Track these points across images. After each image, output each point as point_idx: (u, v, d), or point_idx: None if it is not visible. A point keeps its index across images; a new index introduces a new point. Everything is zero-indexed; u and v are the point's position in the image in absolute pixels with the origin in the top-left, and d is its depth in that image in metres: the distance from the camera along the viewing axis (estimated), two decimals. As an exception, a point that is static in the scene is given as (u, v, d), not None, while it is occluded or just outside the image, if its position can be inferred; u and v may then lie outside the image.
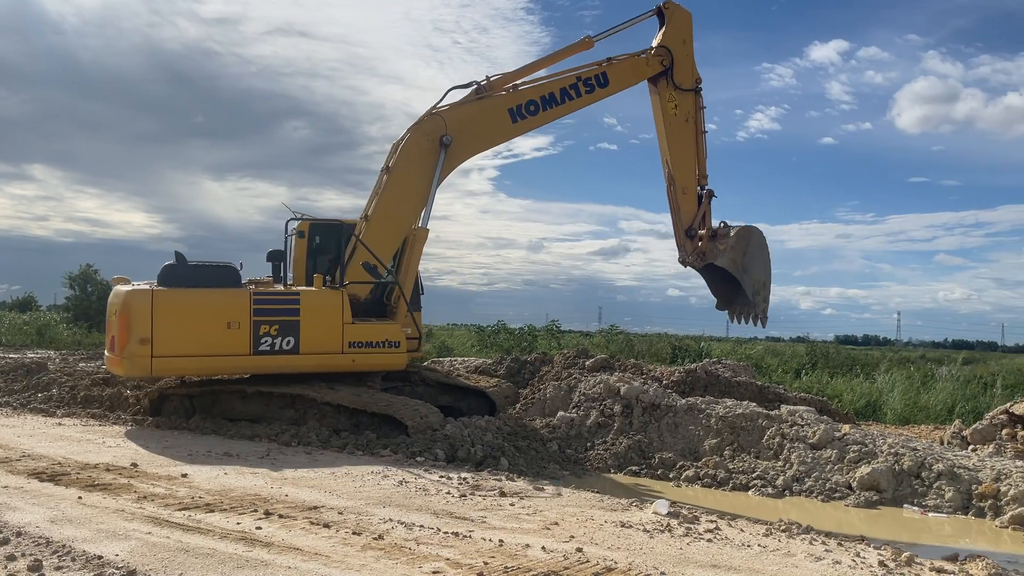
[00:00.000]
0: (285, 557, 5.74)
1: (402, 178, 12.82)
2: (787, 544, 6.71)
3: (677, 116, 14.23)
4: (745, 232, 14.23)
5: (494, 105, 13.43)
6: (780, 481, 10.32)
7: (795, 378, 20.75)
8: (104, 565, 5.39)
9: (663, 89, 14.13)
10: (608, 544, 6.41)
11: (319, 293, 12.10)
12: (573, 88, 13.76)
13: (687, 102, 14.23)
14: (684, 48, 14.24)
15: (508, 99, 13.47)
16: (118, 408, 13.53)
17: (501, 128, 13.50)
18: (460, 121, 13.14)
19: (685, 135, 14.29)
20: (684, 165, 14.30)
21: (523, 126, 13.58)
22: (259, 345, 11.65)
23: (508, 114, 13.39)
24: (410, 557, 5.83)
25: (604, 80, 13.89)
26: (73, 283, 35.96)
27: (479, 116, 13.41)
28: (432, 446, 10.56)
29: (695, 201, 14.28)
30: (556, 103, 13.66)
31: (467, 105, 13.46)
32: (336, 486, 8.22)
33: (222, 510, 7.03)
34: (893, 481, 9.94)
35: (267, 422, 11.94)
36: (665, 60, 14.03)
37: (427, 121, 12.98)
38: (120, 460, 9.17)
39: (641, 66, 14.12)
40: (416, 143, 12.86)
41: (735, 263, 13.98)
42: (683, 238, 14.27)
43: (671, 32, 14.18)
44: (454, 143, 13.01)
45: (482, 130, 13.50)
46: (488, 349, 27.29)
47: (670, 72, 14.05)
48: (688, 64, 14.22)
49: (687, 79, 14.22)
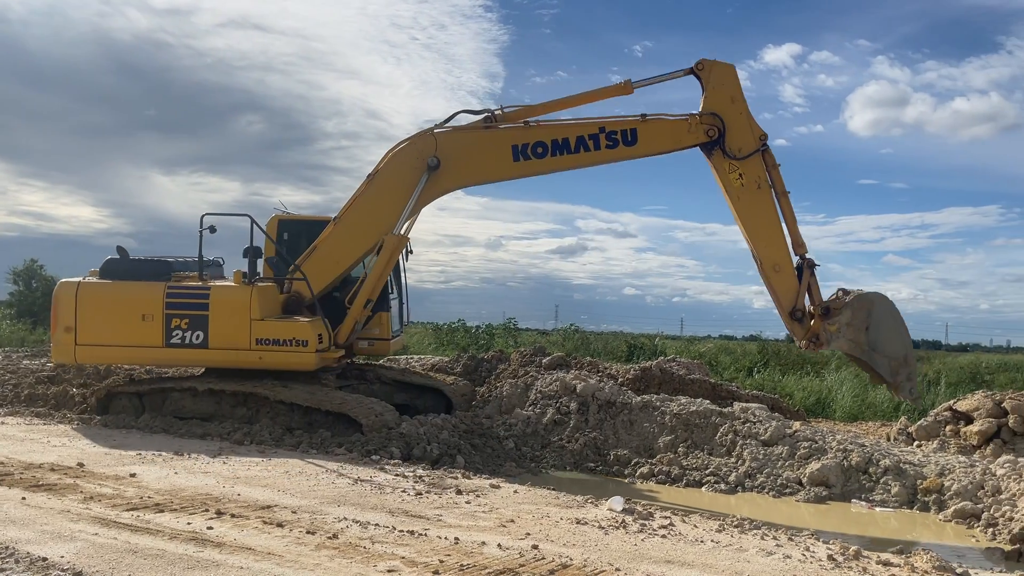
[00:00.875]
0: (237, 557, 5.65)
1: (381, 190, 12.25)
2: (739, 539, 6.81)
3: (746, 187, 11.84)
4: (862, 303, 11.71)
5: (497, 138, 12.16)
6: (733, 477, 10.48)
7: (747, 376, 21.08)
8: (49, 567, 5.25)
9: (719, 161, 11.86)
10: (563, 541, 6.44)
11: (229, 288, 11.99)
12: (592, 139, 12.03)
13: (754, 166, 11.84)
14: (734, 107, 11.87)
15: (515, 134, 12.10)
16: (64, 407, 13.18)
17: (500, 164, 12.20)
18: (455, 146, 12.18)
19: (760, 205, 11.88)
20: (768, 239, 11.88)
21: (526, 168, 12.16)
22: (171, 338, 11.81)
23: (511, 150, 12.06)
24: (365, 556, 5.79)
25: (632, 138, 12.00)
26: (17, 278, 34.90)
27: (477, 146, 12.27)
28: (387, 444, 10.50)
29: (792, 278, 11.82)
30: (569, 151, 12.05)
31: (469, 132, 12.32)
32: (290, 485, 8.12)
33: (172, 510, 6.90)
34: (842, 477, 10.16)
35: (219, 420, 11.75)
36: (712, 130, 11.74)
37: (420, 138, 12.21)
38: (66, 460, 8.93)
39: (681, 133, 11.94)
40: (404, 158, 12.22)
41: (858, 345, 11.54)
42: (789, 322, 11.89)
43: (714, 94, 11.89)
44: (443, 168, 12.06)
45: (477, 161, 12.32)
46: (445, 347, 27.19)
47: (722, 140, 11.76)
48: (743, 125, 11.83)
49: (747, 142, 11.78)
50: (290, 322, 11.87)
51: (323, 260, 12.39)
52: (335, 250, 12.37)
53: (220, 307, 11.83)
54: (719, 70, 11.92)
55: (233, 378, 12.07)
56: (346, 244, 12.35)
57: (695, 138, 11.89)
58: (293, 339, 11.68)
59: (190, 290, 12.05)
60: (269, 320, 11.79)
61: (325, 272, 12.40)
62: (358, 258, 12.39)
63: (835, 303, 11.64)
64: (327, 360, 12.13)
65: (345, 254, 12.38)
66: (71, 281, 12.28)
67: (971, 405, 12.58)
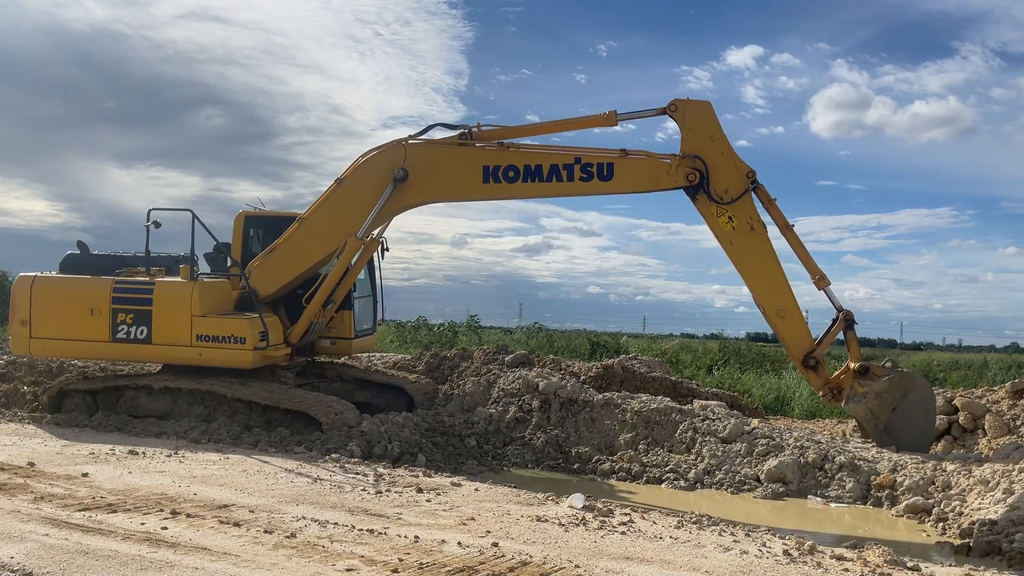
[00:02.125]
0: (192, 557, 5.56)
1: (347, 195, 12.05)
2: (697, 535, 6.88)
3: (738, 230, 11.26)
4: (902, 381, 11.15)
5: (468, 156, 11.82)
6: (692, 474, 10.58)
7: (708, 374, 21.30)
8: (-4, 569, 5.12)
9: (705, 206, 11.31)
10: (524, 538, 6.45)
11: (171, 284, 11.91)
12: (567, 169, 11.53)
13: (744, 208, 11.25)
14: (715, 146, 11.29)
15: (487, 155, 11.76)
16: (14, 405, 12.89)
17: (469, 183, 11.86)
18: (424, 160, 11.88)
19: (755, 248, 11.31)
20: (768, 284, 11.34)
21: (495, 190, 11.84)
22: (116, 333, 11.84)
23: (482, 171, 11.70)
24: (323, 555, 5.74)
25: (608, 173, 11.47)
26: (-34, 273, 33.98)
27: (447, 162, 11.92)
28: (347, 443, 10.41)
29: (800, 322, 11.40)
30: (541, 179, 11.59)
31: (440, 147, 12.00)
32: (248, 484, 8.02)
33: (125, 510, 6.77)
34: (798, 473, 10.32)
35: (175, 419, 11.57)
36: (694, 174, 11.19)
37: (391, 148, 11.96)
38: (15, 459, 8.72)
39: (660, 175, 11.40)
40: (372, 166, 12.01)
41: (875, 419, 11.10)
42: (803, 370, 11.46)
43: (691, 135, 11.33)
44: (410, 181, 11.75)
45: (445, 178, 11.97)
46: (408, 345, 27.08)
47: (705, 183, 11.23)
48: (727, 166, 11.24)
49: (733, 183, 11.21)
50: (229, 319, 11.76)
51: (284, 258, 12.24)
52: (297, 249, 12.23)
53: (163, 302, 11.78)
54: (693, 109, 11.36)
55: (189, 376, 11.90)
56: (308, 245, 12.21)
57: (674, 181, 11.35)
58: (231, 336, 11.57)
59: (135, 285, 11.96)
60: (210, 316, 11.68)
61: (285, 270, 12.24)
62: (320, 259, 12.23)
63: (876, 368, 11.19)
64: (270, 358, 11.99)
65: (307, 254, 12.23)
66: (28, 275, 12.42)
67: (923, 402, 12.82)
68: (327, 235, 12.06)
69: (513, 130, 12.06)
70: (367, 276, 14.24)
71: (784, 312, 11.35)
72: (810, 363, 11.31)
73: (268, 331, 11.69)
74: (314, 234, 12.17)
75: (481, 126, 11.96)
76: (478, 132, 11.90)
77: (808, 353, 11.31)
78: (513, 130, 12.06)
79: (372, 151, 12.16)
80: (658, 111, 11.55)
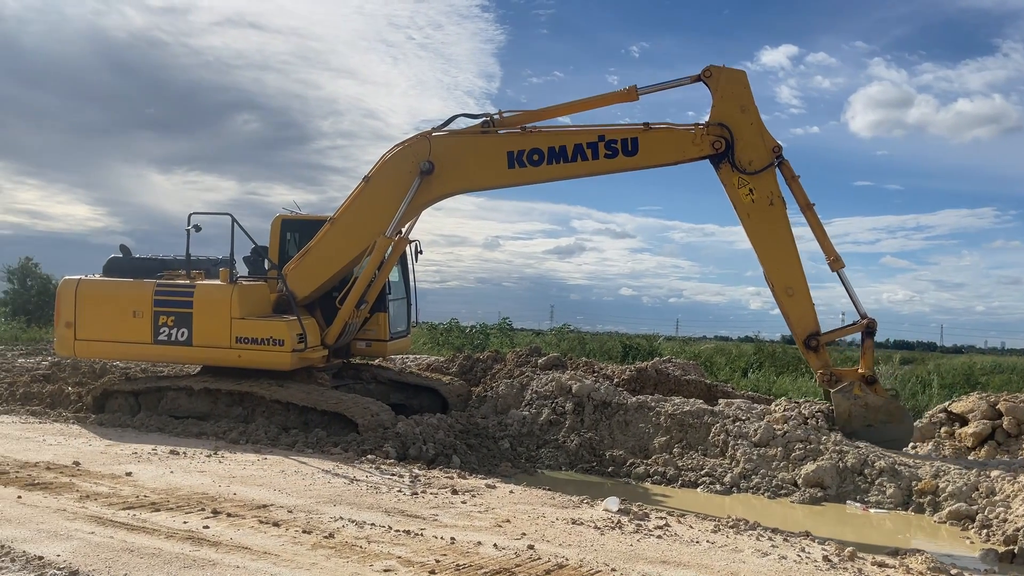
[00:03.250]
0: (233, 556, 5.65)
1: (376, 192, 12.18)
2: (735, 540, 6.83)
3: (757, 203, 11.25)
4: (895, 411, 11.27)
5: (492, 143, 11.83)
6: (728, 478, 10.50)
7: (743, 377, 21.10)
8: (45, 566, 5.25)
9: (727, 175, 11.30)
10: (559, 541, 6.45)
11: (211, 287, 12.08)
12: (591, 148, 11.49)
13: (766, 181, 11.23)
14: (745, 117, 11.24)
15: (510, 140, 11.76)
16: (60, 405, 13.18)
17: (493, 170, 11.91)
18: (449, 151, 11.93)
19: (772, 223, 11.29)
20: (780, 260, 11.35)
21: (520, 175, 11.83)
22: (158, 335, 12.02)
23: (506, 157, 11.71)
24: (361, 555, 5.80)
25: (632, 148, 11.41)
26: (12, 276, 34.81)
27: (471, 151, 11.95)
28: (383, 444, 10.49)
29: (807, 302, 11.35)
30: (566, 159, 11.57)
31: (464, 136, 12.05)
32: (286, 484, 8.12)
33: (168, 509, 6.89)
34: (837, 478, 10.18)
35: (215, 420, 11.75)
36: (719, 142, 11.18)
37: (416, 142, 12.03)
38: (61, 458, 8.92)
39: (685, 145, 11.37)
40: (398, 161, 12.11)
41: (848, 418, 11.11)
42: (804, 350, 11.53)
43: (722, 103, 11.28)
44: (436, 173, 11.82)
45: (471, 167, 12.01)
46: (440, 347, 27.19)
47: (730, 153, 11.22)
48: (753, 137, 11.19)
49: (758, 156, 11.18)
50: (268, 321, 11.91)
51: (317, 260, 12.39)
52: (329, 250, 12.36)
53: (203, 305, 11.94)
54: (728, 77, 11.29)
55: (229, 377, 12.08)
56: (340, 245, 12.33)
57: (700, 150, 11.31)
58: (270, 338, 11.72)
59: (176, 288, 12.16)
60: (249, 319, 11.83)
61: (319, 271, 12.39)
62: (352, 259, 12.33)
63: (880, 387, 11.28)
64: (308, 360, 12.12)
65: (339, 254, 12.36)
66: (73, 278, 12.61)
67: (966, 407, 12.62)
68: (358, 234, 12.19)
69: (534, 114, 12.06)
70: (401, 278, 14.35)
71: (792, 290, 11.34)
72: (812, 344, 11.34)
73: (306, 333, 11.83)
74: (345, 234, 12.30)
75: (503, 113, 12.03)
76: (500, 119, 11.97)
77: (812, 334, 11.33)
78: (534, 114, 12.06)
79: (397, 146, 12.25)
80: (692, 78, 11.44)
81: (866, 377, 11.28)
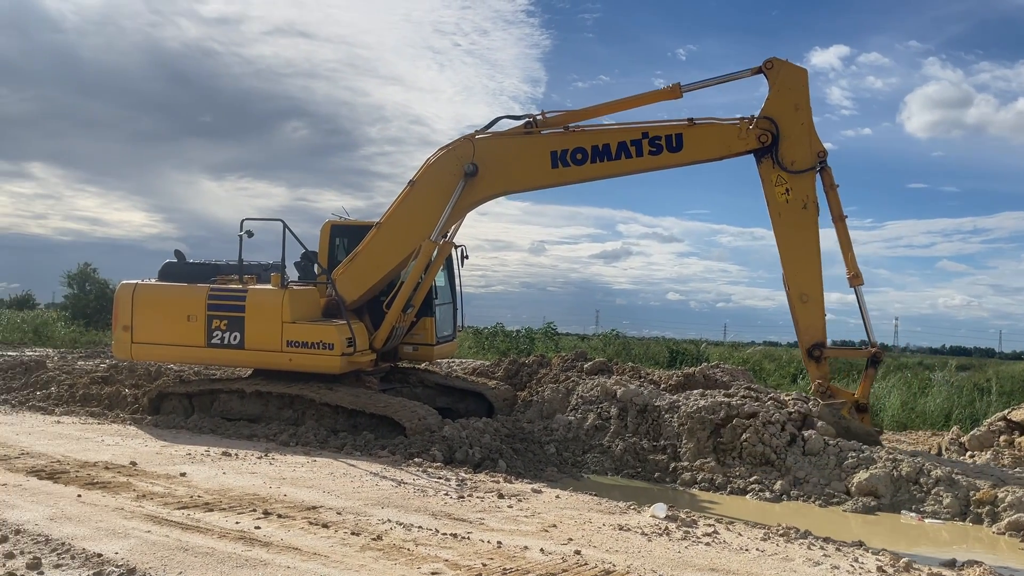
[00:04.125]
0: (284, 557, 5.75)
1: (420, 195, 12.31)
2: (785, 549, 6.72)
3: (791, 204, 11.19)
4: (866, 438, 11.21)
5: (536, 143, 11.87)
6: (778, 485, 10.32)
7: (792, 383, 20.76)
8: (104, 563, 5.40)
9: (767, 170, 11.24)
10: (606, 547, 6.42)
11: (264, 291, 12.27)
12: (635, 145, 11.44)
13: (804, 183, 11.17)
14: (797, 116, 11.17)
15: (553, 140, 11.78)
16: (117, 407, 13.53)
17: (538, 171, 11.91)
18: (492, 152, 11.99)
19: (802, 226, 11.23)
20: (802, 265, 11.33)
21: (564, 175, 11.83)
22: (211, 338, 12.24)
23: (549, 157, 11.75)
24: (409, 558, 5.84)
25: (677, 144, 11.36)
26: (71, 282, 35.89)
27: (515, 152, 11.99)
28: (430, 447, 10.56)
29: (820, 312, 11.41)
30: (609, 157, 11.54)
31: (507, 137, 12.10)
32: (334, 486, 8.23)
33: (221, 509, 7.04)
34: (891, 487, 9.95)
35: (265, 422, 11.96)
36: (766, 136, 11.13)
37: (460, 145, 12.16)
38: (119, 458, 9.17)
39: (731, 138, 11.31)
40: (442, 164, 12.24)
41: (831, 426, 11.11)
42: (806, 359, 11.65)
43: (778, 98, 11.22)
44: (480, 175, 11.92)
45: (515, 167, 12.03)
46: (486, 351, 27.30)
47: (775, 147, 11.16)
48: (801, 137, 11.11)
49: (801, 156, 11.11)
50: (318, 325, 12.08)
51: (365, 264, 12.55)
52: (376, 254, 12.51)
53: (255, 309, 12.15)
54: (788, 72, 11.23)
55: (279, 380, 12.28)
56: (386, 249, 12.46)
57: (746, 144, 11.27)
58: (320, 342, 11.87)
59: (229, 292, 12.40)
60: (300, 323, 12.01)
61: (366, 276, 12.55)
62: (398, 263, 12.45)
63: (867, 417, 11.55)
64: (357, 364, 12.24)
65: (385, 258, 12.50)
66: (130, 283, 12.93)
67: (1026, 415, 12.23)
68: (404, 237, 12.31)
69: (577, 114, 12.03)
70: (447, 283, 14.45)
71: (808, 297, 11.36)
72: (815, 354, 11.46)
73: (355, 337, 11.98)
74: (391, 237, 12.43)
75: (545, 113, 12.01)
76: (543, 119, 11.97)
77: (817, 344, 11.43)
78: (577, 114, 12.03)
79: (441, 150, 12.36)
80: (752, 70, 11.37)
81: (859, 404, 11.47)
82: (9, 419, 12.14)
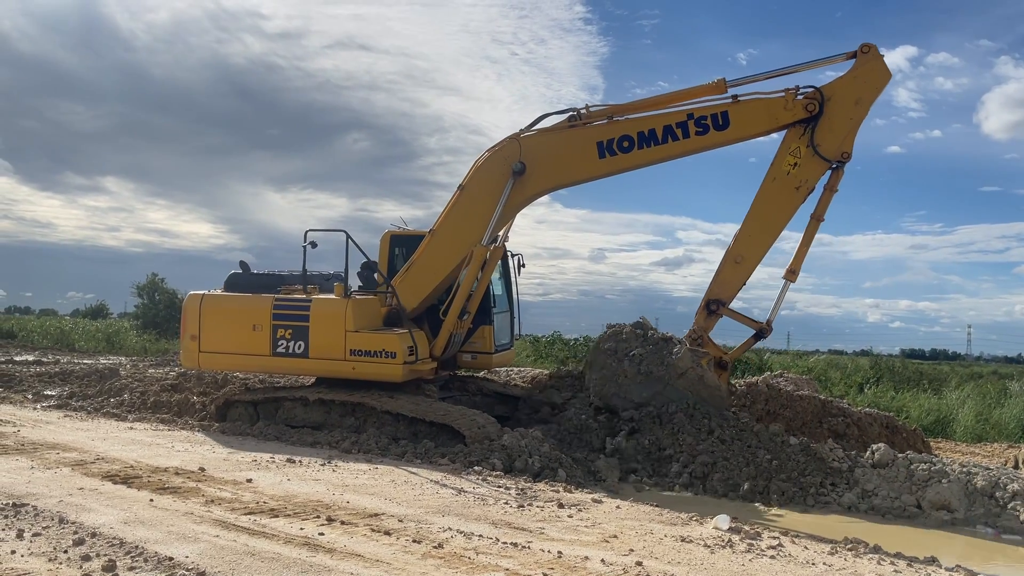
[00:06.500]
0: (347, 563, 5.83)
1: (470, 200, 12.47)
2: (854, 563, 6.54)
3: (790, 176, 11.35)
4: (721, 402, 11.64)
5: (581, 135, 11.96)
6: (845, 498, 10.06)
7: (859, 392, 20.22)
8: (175, 566, 5.55)
9: (791, 136, 11.33)
10: (668, 558, 6.34)
11: (326, 301, 12.48)
12: (680, 127, 11.51)
13: (813, 168, 11.27)
14: (852, 109, 11.15)
15: (599, 131, 11.87)
16: (186, 413, 13.93)
17: (585, 162, 11.97)
18: (539, 149, 12.10)
19: (783, 201, 11.46)
20: (758, 233, 11.70)
21: (612, 164, 11.85)
22: (276, 347, 12.51)
23: (596, 147, 11.81)
24: (469, 567, 5.87)
25: (723, 122, 11.37)
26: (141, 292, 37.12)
27: (562, 146, 12.08)
28: (489, 456, 10.58)
29: (744, 279, 11.84)
30: (656, 142, 11.58)
31: (552, 133, 12.18)
32: (396, 494, 8.31)
33: (286, 515, 7.17)
34: (965, 501, 9.60)
35: (328, 429, 12.15)
36: (813, 105, 11.13)
37: (506, 145, 12.29)
38: (188, 464, 9.43)
39: (777, 111, 11.33)
40: (490, 166, 12.39)
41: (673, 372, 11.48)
42: (703, 308, 11.98)
43: (851, 82, 11.15)
44: (529, 172, 12.02)
45: (563, 161, 12.12)
46: (544, 360, 27.25)
47: (814, 123, 11.18)
48: (841, 129, 11.12)
49: (828, 146, 11.16)
50: (381, 334, 12.24)
51: (421, 272, 12.69)
52: (431, 261, 12.65)
53: (319, 319, 12.37)
54: (874, 67, 11.15)
55: (342, 388, 12.48)
56: (440, 255, 12.61)
57: (793, 115, 11.28)
58: (382, 351, 12.03)
59: (293, 302, 12.65)
60: (363, 332, 12.18)
61: (423, 283, 12.69)
62: (453, 269, 12.57)
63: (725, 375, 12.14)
64: (418, 372, 12.37)
65: (440, 265, 12.64)
66: (197, 293, 13.32)
67: (1110, 427, 11.68)
68: (457, 243, 12.44)
69: (620, 107, 12.07)
70: (504, 291, 14.50)
71: (743, 259, 11.83)
72: (712, 307, 11.99)
73: (416, 345, 12.11)
74: (445, 244, 12.57)
75: (589, 107, 12.09)
76: (586, 113, 12.07)
77: (719, 300, 11.93)
78: (620, 107, 12.07)
79: (488, 152, 12.48)
80: (847, 55, 11.26)
81: (721, 360, 12.12)
82: (85, 425, 12.60)
